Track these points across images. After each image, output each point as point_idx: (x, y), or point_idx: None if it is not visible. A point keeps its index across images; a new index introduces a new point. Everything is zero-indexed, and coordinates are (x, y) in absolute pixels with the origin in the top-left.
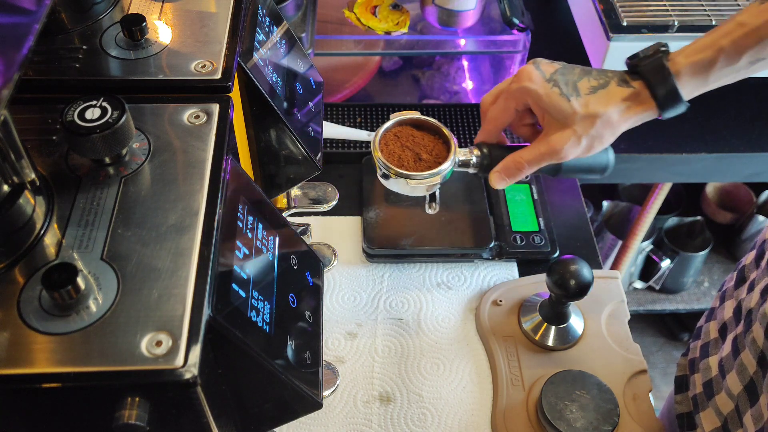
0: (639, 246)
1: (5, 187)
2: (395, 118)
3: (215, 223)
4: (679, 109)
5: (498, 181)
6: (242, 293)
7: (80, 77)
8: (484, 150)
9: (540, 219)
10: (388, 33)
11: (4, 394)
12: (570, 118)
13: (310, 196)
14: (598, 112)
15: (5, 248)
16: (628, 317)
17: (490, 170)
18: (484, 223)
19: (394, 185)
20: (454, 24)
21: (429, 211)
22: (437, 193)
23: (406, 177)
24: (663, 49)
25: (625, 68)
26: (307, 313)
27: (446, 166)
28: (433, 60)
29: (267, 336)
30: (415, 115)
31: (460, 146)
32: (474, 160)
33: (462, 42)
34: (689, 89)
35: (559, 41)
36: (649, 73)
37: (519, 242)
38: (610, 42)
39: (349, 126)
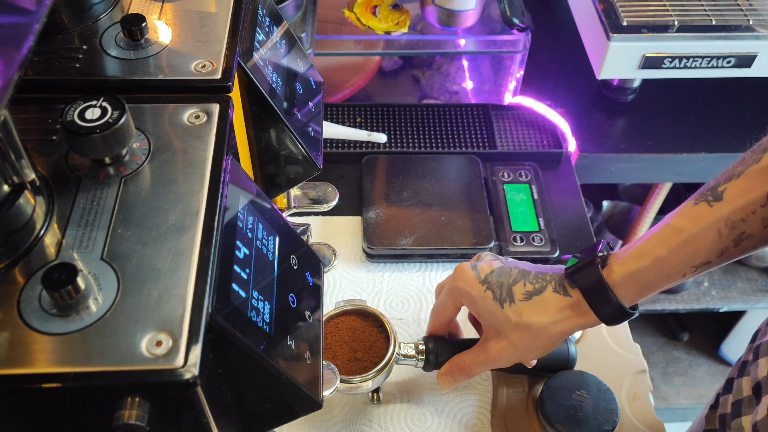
0: None
1: (5, 187)
2: (340, 307)
3: (215, 223)
4: (624, 319)
5: (446, 383)
6: (242, 293)
7: (80, 77)
8: (430, 345)
9: (540, 219)
10: (388, 33)
11: (4, 394)
12: (503, 326)
13: (310, 196)
14: (531, 322)
15: (5, 248)
16: None
17: (436, 367)
18: (484, 223)
19: None
20: (454, 24)
21: (373, 402)
22: (380, 386)
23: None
24: (600, 255)
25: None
26: (307, 313)
27: (381, 369)
28: (433, 60)
29: (267, 336)
30: (361, 305)
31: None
32: (418, 356)
33: (462, 42)
34: (630, 298)
35: (559, 41)
36: (587, 287)
37: (519, 242)
38: (610, 42)
39: (349, 126)
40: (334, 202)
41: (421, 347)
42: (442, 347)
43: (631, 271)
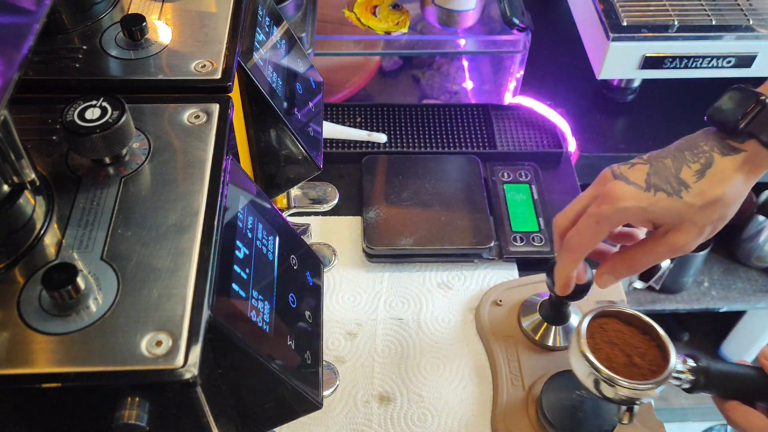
0: None
1: (5, 187)
2: (600, 308)
3: (215, 223)
4: None
5: (606, 282)
6: (242, 293)
7: (80, 77)
8: (701, 363)
9: (540, 219)
10: (388, 33)
11: (4, 394)
12: (688, 215)
13: (310, 196)
14: (718, 196)
15: (5, 248)
16: None
17: (704, 390)
18: (484, 223)
19: (594, 386)
20: (454, 24)
21: (624, 422)
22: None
23: (616, 383)
24: (762, 98)
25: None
26: (307, 313)
27: (665, 378)
28: (433, 60)
29: (267, 336)
30: (625, 308)
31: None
32: (689, 376)
33: (462, 42)
34: None
35: (559, 41)
36: (765, 132)
37: (519, 242)
38: (610, 42)
39: (349, 126)
40: (334, 202)
41: (691, 364)
42: (715, 366)
43: None
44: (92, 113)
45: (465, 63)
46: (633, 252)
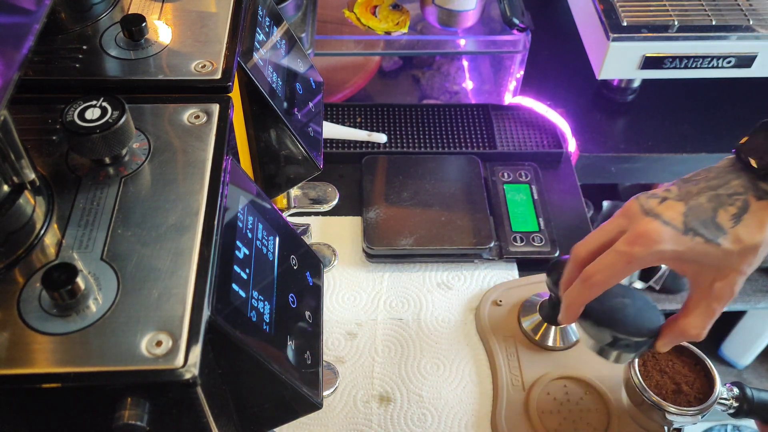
0: None
1: (5, 187)
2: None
3: (215, 223)
4: None
5: (667, 349)
6: (242, 293)
7: (80, 77)
8: (746, 392)
9: (540, 219)
10: (388, 33)
11: (4, 394)
12: (726, 260)
13: (310, 196)
14: (756, 241)
15: (5, 248)
16: None
17: (746, 416)
18: (484, 223)
19: (645, 409)
20: (454, 24)
21: None
22: (683, 429)
23: (663, 409)
24: None
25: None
26: (307, 313)
27: (708, 405)
28: (433, 60)
29: (267, 336)
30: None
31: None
32: (733, 402)
33: (462, 42)
34: None
35: (559, 41)
36: None
37: (519, 242)
38: (610, 42)
39: (349, 126)
40: (334, 202)
41: (735, 391)
42: (760, 395)
43: None
44: (92, 113)
45: (465, 63)
46: (687, 320)
